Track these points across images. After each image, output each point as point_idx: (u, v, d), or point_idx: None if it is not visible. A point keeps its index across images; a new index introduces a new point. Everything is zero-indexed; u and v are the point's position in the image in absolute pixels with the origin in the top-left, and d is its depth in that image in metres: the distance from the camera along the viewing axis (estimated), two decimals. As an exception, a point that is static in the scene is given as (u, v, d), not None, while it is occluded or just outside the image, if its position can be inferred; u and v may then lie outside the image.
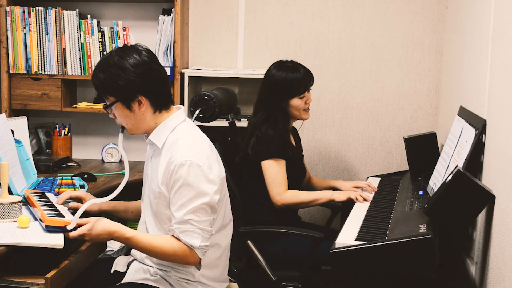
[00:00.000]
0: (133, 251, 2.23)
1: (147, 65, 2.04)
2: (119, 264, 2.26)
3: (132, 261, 2.24)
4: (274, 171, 2.76)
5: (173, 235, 2.01)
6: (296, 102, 2.84)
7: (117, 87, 2.03)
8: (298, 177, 2.96)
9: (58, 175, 3.01)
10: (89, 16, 3.48)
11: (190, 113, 3.02)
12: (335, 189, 3.00)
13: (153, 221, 2.14)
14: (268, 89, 2.85)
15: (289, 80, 2.82)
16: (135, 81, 2.02)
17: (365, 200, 2.72)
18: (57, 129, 3.55)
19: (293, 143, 2.95)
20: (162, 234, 2.10)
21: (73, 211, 2.25)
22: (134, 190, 2.55)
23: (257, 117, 2.85)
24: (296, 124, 3.05)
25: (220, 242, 2.18)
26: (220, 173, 2.11)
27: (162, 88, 2.10)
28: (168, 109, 2.13)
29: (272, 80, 2.84)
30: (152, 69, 2.06)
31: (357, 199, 2.72)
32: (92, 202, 2.07)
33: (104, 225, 2.00)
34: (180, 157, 2.00)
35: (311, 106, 2.94)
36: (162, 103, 2.10)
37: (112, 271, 2.24)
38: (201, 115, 2.97)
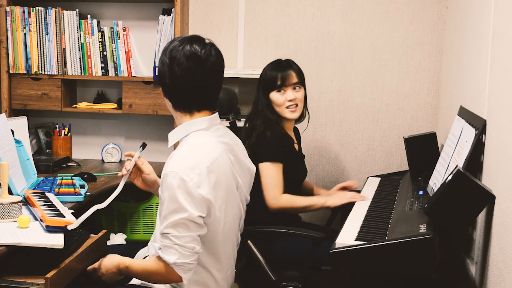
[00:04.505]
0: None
1: (181, 65, 1.99)
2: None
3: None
4: (270, 174, 2.76)
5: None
6: (274, 96, 2.84)
7: (158, 70, 2.08)
8: (298, 179, 2.96)
9: (58, 175, 3.01)
10: (89, 16, 3.48)
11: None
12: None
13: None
14: (258, 84, 2.89)
15: (268, 74, 2.85)
16: (165, 73, 2.02)
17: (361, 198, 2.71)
18: (57, 129, 3.55)
19: (295, 141, 2.95)
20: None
21: (74, 210, 2.25)
22: (136, 190, 2.54)
23: (250, 111, 2.90)
24: (301, 126, 3.05)
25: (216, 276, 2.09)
26: (210, 193, 1.93)
27: (185, 91, 2.01)
28: (191, 113, 2.06)
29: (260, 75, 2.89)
30: (187, 71, 1.99)
31: (354, 198, 2.71)
32: (96, 208, 2.08)
33: (109, 260, 2.05)
34: (169, 167, 1.93)
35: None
36: (180, 105, 2.05)
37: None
38: (201, 115, 2.97)
